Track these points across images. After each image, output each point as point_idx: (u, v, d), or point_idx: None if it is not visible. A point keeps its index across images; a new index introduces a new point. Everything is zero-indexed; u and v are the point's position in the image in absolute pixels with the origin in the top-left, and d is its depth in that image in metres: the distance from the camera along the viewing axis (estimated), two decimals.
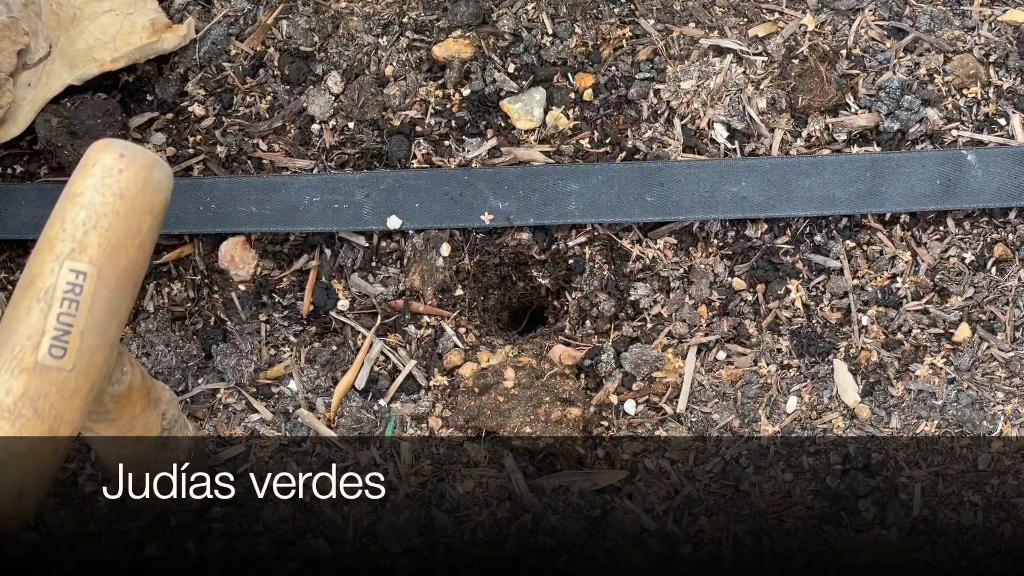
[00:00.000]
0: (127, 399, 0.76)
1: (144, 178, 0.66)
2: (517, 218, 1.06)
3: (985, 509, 1.04)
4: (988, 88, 1.08)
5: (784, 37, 1.09)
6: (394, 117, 1.09)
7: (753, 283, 1.06)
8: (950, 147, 1.07)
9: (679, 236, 1.07)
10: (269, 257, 1.08)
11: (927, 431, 1.04)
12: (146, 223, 0.67)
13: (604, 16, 1.11)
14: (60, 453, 0.65)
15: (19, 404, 0.63)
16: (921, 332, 1.05)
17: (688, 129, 1.08)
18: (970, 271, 1.06)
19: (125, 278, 0.66)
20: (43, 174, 1.09)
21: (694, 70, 1.08)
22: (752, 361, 1.05)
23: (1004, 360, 1.05)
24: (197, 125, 1.10)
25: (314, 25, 1.11)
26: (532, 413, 1.01)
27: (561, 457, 1.04)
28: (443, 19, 1.11)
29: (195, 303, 1.08)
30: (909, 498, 1.04)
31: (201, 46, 1.11)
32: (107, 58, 1.07)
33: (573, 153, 1.08)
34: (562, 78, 1.09)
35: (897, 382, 1.05)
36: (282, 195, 1.06)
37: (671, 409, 1.05)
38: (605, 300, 1.06)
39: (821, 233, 1.06)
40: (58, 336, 0.64)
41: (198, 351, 1.06)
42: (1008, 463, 1.04)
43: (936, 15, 1.10)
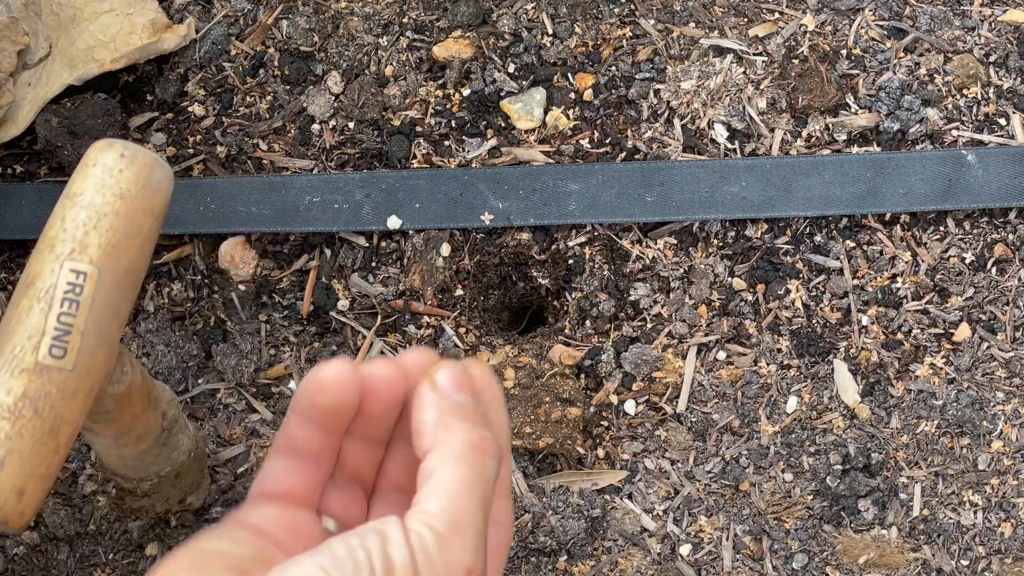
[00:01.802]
0: (127, 399, 0.76)
1: (144, 178, 0.66)
2: (517, 218, 1.06)
3: (985, 509, 1.04)
4: (988, 88, 1.08)
5: (784, 37, 1.09)
6: (394, 117, 1.09)
7: (753, 283, 1.06)
8: (950, 147, 1.07)
9: (679, 236, 1.07)
10: (269, 257, 1.08)
11: (927, 431, 1.04)
12: (146, 223, 0.67)
13: (604, 16, 1.11)
14: (60, 453, 0.65)
15: (19, 404, 0.63)
16: (921, 332, 1.05)
17: (688, 129, 1.08)
18: (970, 271, 1.06)
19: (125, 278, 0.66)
20: (43, 174, 1.09)
21: (694, 70, 1.08)
22: (752, 361, 1.05)
23: (1004, 360, 1.05)
24: (197, 125, 1.10)
25: (314, 25, 1.11)
26: (532, 413, 1.01)
27: (561, 457, 1.04)
28: (443, 19, 1.11)
29: (195, 303, 1.08)
30: (909, 498, 1.04)
31: (201, 46, 1.11)
32: (107, 58, 1.07)
33: (573, 153, 1.08)
34: (562, 78, 1.09)
35: (897, 382, 1.05)
36: (282, 195, 1.06)
37: (671, 409, 1.05)
38: (605, 300, 1.06)
39: (821, 233, 1.06)
40: (58, 336, 0.64)
41: (198, 351, 1.06)
42: (1008, 463, 1.04)
43: (936, 15, 1.10)
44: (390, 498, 0.54)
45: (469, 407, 0.49)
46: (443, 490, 0.46)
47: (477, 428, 0.48)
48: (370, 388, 0.50)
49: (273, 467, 0.51)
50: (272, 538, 0.50)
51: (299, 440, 0.51)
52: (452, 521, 0.46)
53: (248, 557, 0.48)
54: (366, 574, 0.44)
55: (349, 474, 0.53)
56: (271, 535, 0.50)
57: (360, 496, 0.54)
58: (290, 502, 0.51)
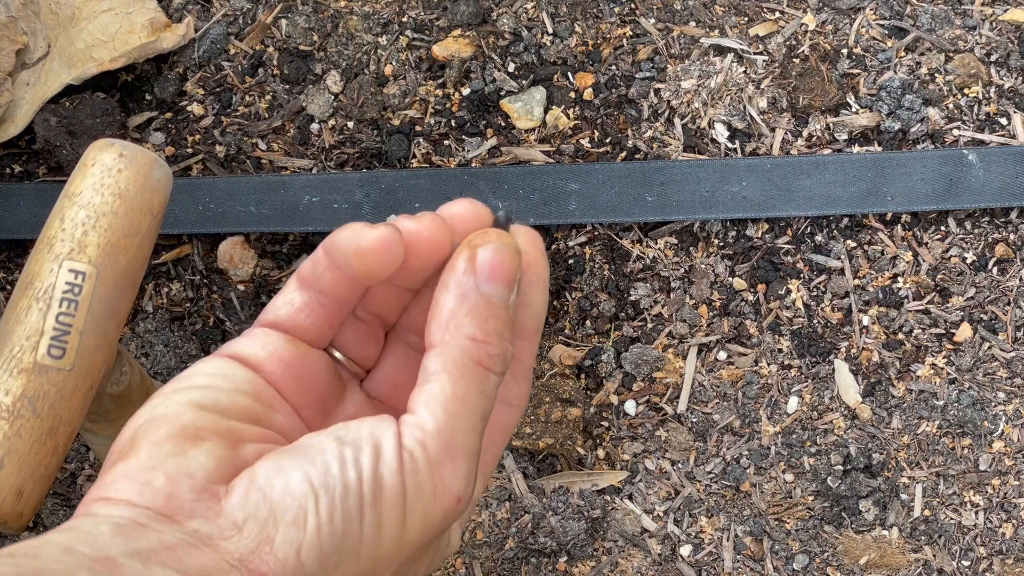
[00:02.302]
0: (126, 399, 0.76)
1: (143, 177, 0.66)
2: (517, 218, 1.06)
3: (987, 510, 1.03)
4: (989, 87, 1.08)
5: (785, 36, 1.09)
6: (394, 116, 1.09)
7: (754, 283, 1.06)
8: (951, 147, 1.07)
9: (679, 236, 1.07)
10: (268, 257, 1.08)
11: (928, 431, 1.04)
12: (145, 223, 0.66)
13: (604, 15, 1.10)
14: (59, 453, 0.65)
15: (18, 404, 0.63)
16: (922, 332, 1.05)
17: (689, 129, 1.07)
18: (971, 271, 1.06)
19: (124, 278, 0.66)
20: (42, 174, 1.09)
21: (695, 69, 1.08)
22: (753, 361, 1.05)
23: (1005, 360, 1.05)
24: (196, 124, 1.10)
25: (313, 24, 1.11)
26: (532, 413, 1.01)
27: (561, 457, 1.04)
28: (443, 18, 1.11)
29: (194, 303, 1.07)
30: (910, 498, 1.03)
31: (200, 45, 1.11)
32: (106, 57, 1.07)
33: (573, 153, 1.08)
34: (562, 77, 1.09)
35: (898, 382, 1.04)
36: (281, 195, 1.06)
37: (671, 409, 1.05)
38: (605, 300, 1.06)
39: (822, 233, 1.06)
40: (57, 336, 0.64)
41: (197, 351, 1.06)
42: (1009, 463, 1.04)
43: (937, 14, 1.09)
44: (408, 340, 0.51)
45: (495, 308, 0.46)
46: (440, 404, 0.44)
47: (491, 340, 0.45)
48: (410, 248, 0.46)
49: (291, 298, 0.48)
50: (271, 376, 0.46)
51: (325, 281, 0.47)
52: (446, 443, 0.44)
53: (242, 410, 0.45)
54: (354, 500, 0.42)
55: (371, 312, 0.50)
56: (270, 372, 0.47)
57: (378, 332, 0.51)
58: (301, 337, 0.48)
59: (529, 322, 0.49)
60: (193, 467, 0.42)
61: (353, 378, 0.51)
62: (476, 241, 0.47)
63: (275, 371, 0.47)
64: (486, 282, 0.46)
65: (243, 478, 0.43)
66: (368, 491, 0.42)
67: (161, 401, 0.44)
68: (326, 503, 0.42)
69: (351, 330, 0.50)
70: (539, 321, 0.50)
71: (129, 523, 0.41)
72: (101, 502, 0.42)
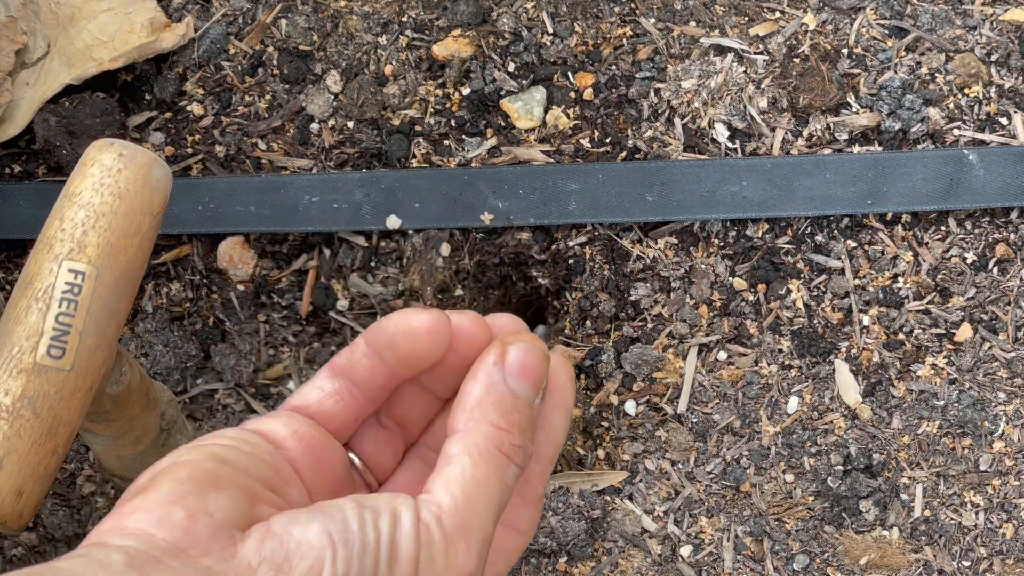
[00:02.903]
0: (126, 400, 0.76)
1: (143, 177, 0.66)
2: (517, 218, 1.06)
3: (987, 510, 1.03)
4: (990, 87, 1.08)
5: (785, 36, 1.09)
6: (393, 116, 1.09)
7: (754, 283, 1.06)
8: (951, 147, 1.07)
9: (680, 236, 1.07)
10: (268, 257, 1.08)
11: (929, 431, 1.04)
12: (145, 223, 0.66)
13: (604, 15, 1.10)
14: (59, 453, 0.65)
15: (17, 404, 0.63)
16: (922, 332, 1.05)
17: (689, 128, 1.07)
18: (972, 271, 1.06)
19: (124, 278, 0.66)
20: (41, 174, 1.09)
21: (695, 69, 1.08)
22: (753, 361, 1.05)
23: (1006, 360, 1.05)
24: (196, 124, 1.10)
25: (313, 24, 1.11)
26: None
27: (561, 458, 1.04)
28: (443, 18, 1.11)
29: (194, 303, 1.07)
30: (911, 499, 1.03)
31: (200, 45, 1.11)
32: (106, 57, 1.07)
33: (573, 153, 1.08)
34: (562, 77, 1.09)
35: (898, 382, 1.04)
36: (281, 195, 1.06)
37: (672, 409, 1.05)
38: (605, 300, 1.05)
39: (822, 233, 1.06)
40: (57, 336, 0.64)
41: (197, 351, 1.06)
42: (1010, 464, 1.04)
43: (937, 14, 1.09)
44: (427, 456, 0.52)
45: (520, 404, 0.47)
46: (459, 485, 0.45)
47: (513, 432, 0.46)
48: (454, 338, 0.47)
49: (321, 384, 0.48)
50: (290, 453, 0.47)
51: (360, 370, 0.48)
52: (462, 522, 0.44)
53: (260, 474, 0.45)
54: (371, 560, 0.42)
55: (395, 417, 0.51)
56: (290, 450, 0.47)
57: (398, 442, 0.51)
58: (325, 425, 0.48)
59: (547, 447, 0.50)
60: (213, 508, 0.42)
61: (365, 486, 0.51)
62: (508, 340, 0.48)
63: (294, 449, 0.47)
64: (514, 378, 0.47)
65: (259, 526, 0.43)
66: (385, 554, 0.43)
67: (184, 451, 0.45)
68: (343, 556, 0.42)
69: (372, 434, 0.50)
70: (556, 449, 0.50)
71: (142, 555, 0.41)
72: (116, 532, 0.42)
